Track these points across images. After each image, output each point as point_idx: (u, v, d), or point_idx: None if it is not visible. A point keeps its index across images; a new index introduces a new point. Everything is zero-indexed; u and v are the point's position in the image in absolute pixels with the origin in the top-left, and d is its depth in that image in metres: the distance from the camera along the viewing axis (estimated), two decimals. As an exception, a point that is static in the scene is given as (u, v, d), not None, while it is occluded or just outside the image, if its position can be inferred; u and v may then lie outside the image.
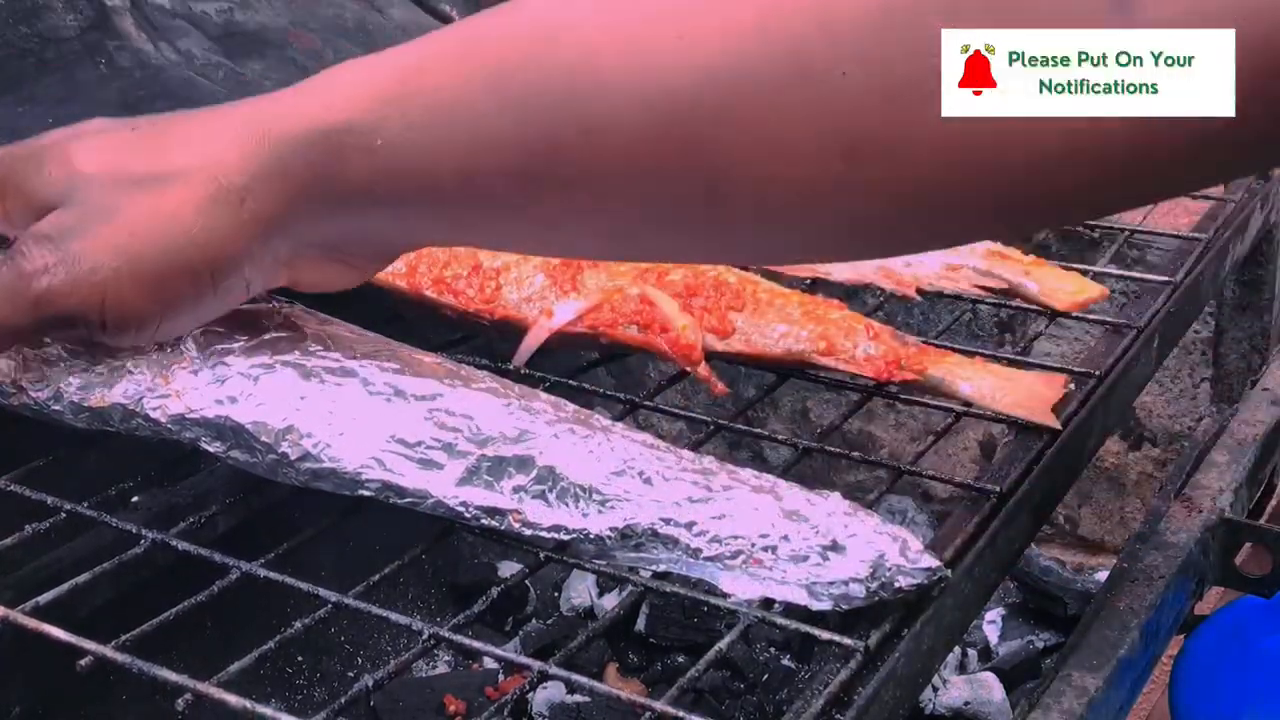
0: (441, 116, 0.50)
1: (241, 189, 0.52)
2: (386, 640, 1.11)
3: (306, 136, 0.52)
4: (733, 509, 0.54)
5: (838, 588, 0.52)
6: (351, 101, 0.51)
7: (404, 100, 0.51)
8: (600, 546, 0.55)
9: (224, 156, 0.53)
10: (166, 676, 0.49)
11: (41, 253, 0.54)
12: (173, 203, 0.53)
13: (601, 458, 0.56)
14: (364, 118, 0.51)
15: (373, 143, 0.51)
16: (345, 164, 0.51)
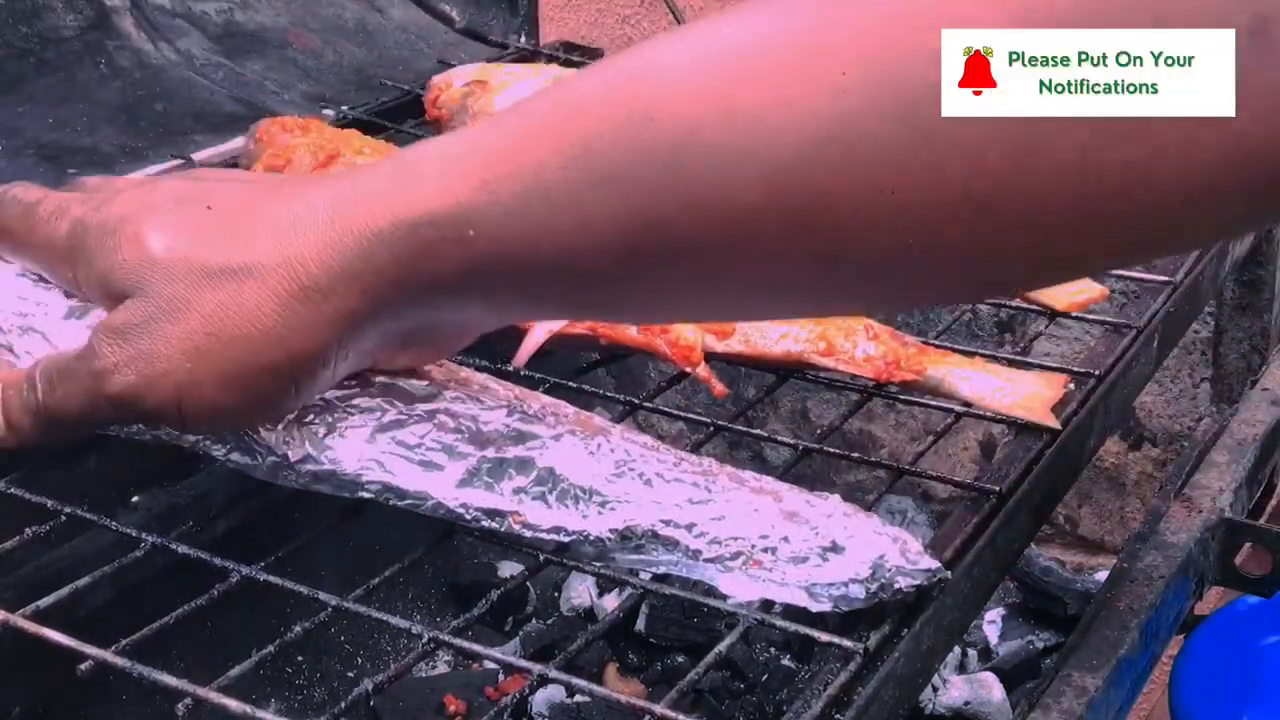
0: (537, 201, 0.48)
1: (325, 287, 0.50)
2: (386, 641, 1.11)
3: (393, 230, 0.49)
4: (732, 510, 0.54)
5: (837, 589, 0.52)
6: (440, 191, 0.49)
7: (495, 186, 0.48)
8: (600, 548, 0.55)
9: (305, 251, 0.50)
10: (166, 681, 0.49)
11: (113, 350, 0.52)
12: (251, 300, 0.50)
13: (602, 459, 0.56)
14: (455, 208, 0.48)
15: (465, 233, 0.48)
16: (436, 257, 0.49)
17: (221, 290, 0.51)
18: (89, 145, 1.00)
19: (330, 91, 1.14)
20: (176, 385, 0.51)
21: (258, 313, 0.50)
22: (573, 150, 0.47)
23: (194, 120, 1.06)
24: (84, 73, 1.06)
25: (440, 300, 0.51)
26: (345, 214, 0.50)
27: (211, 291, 0.51)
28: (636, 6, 1.51)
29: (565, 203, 0.48)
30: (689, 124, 0.46)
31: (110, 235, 0.53)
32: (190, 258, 0.51)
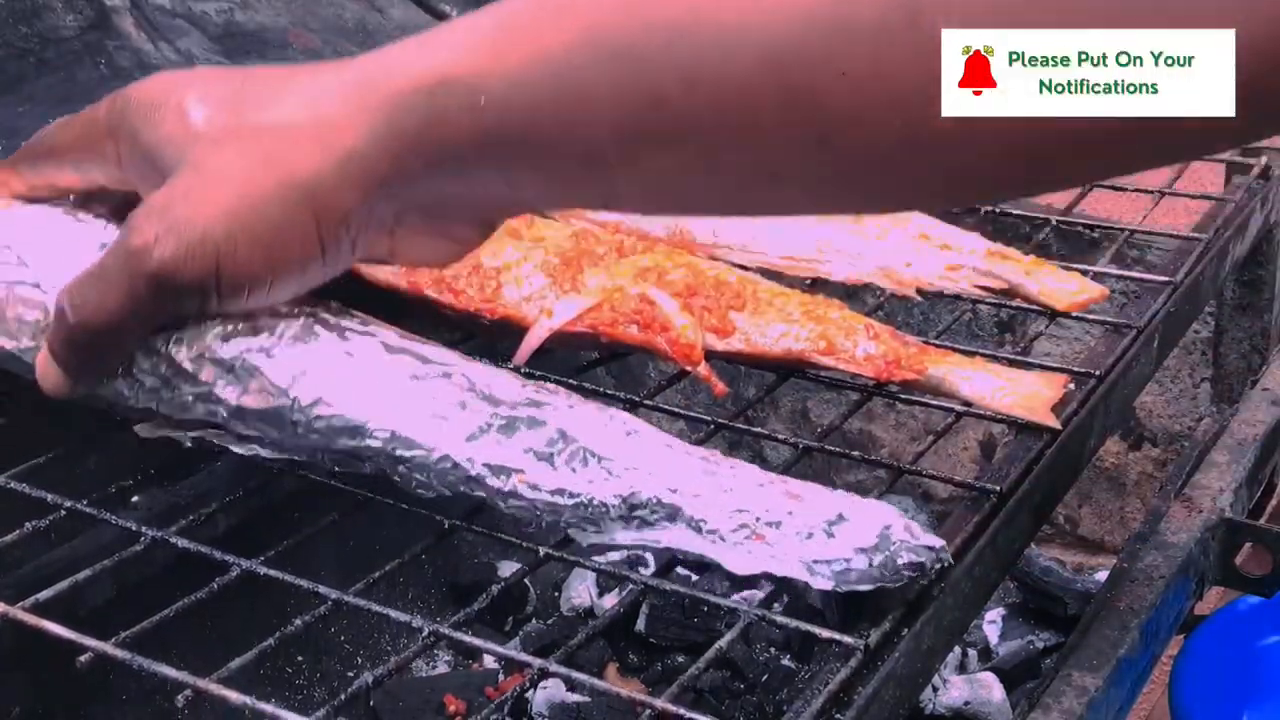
0: (543, 72, 0.50)
1: (351, 147, 0.52)
2: (386, 639, 1.11)
3: (413, 94, 0.52)
4: (739, 484, 0.54)
5: (839, 564, 0.52)
6: (454, 58, 0.51)
7: (505, 56, 0.50)
8: (602, 517, 0.54)
9: (333, 114, 0.53)
10: (166, 673, 0.49)
11: (151, 224, 0.53)
12: (284, 160, 0.53)
13: (614, 426, 0.56)
14: (466, 75, 0.51)
15: (475, 100, 0.50)
16: (451, 123, 0.51)
17: (256, 152, 0.53)
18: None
19: (331, 91, 1.14)
20: (213, 250, 0.53)
21: (288, 172, 0.53)
22: (578, 26, 0.49)
23: (195, 119, 1.05)
24: (84, 73, 1.06)
25: (456, 169, 0.53)
26: (372, 79, 0.53)
27: (246, 155, 0.53)
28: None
29: (569, 75, 0.49)
30: (693, 3, 0.47)
31: (153, 109, 0.55)
32: (229, 125, 0.54)
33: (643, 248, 0.77)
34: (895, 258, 0.80)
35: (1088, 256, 0.91)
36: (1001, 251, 0.81)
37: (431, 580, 1.17)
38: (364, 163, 0.52)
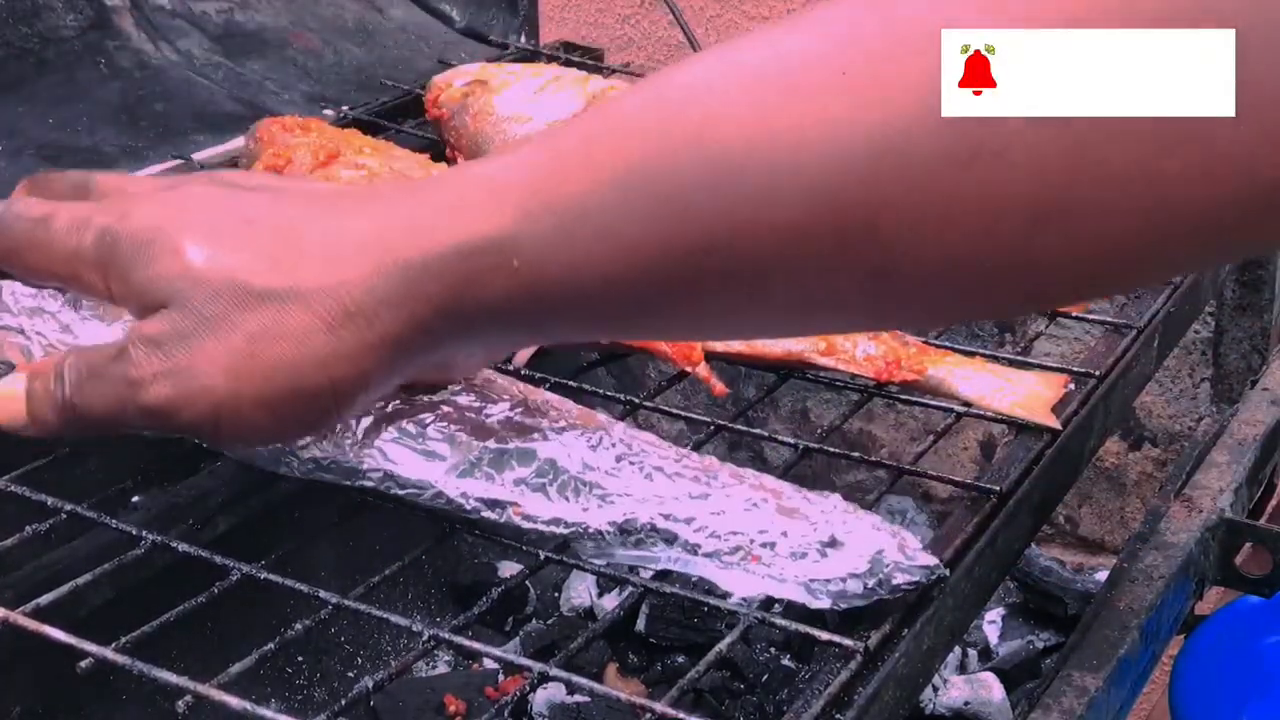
0: (582, 230, 0.47)
1: (370, 314, 0.49)
2: (387, 641, 1.11)
3: (440, 259, 0.49)
4: (732, 505, 0.54)
5: (835, 585, 0.52)
6: (482, 219, 0.49)
7: (538, 214, 0.48)
8: (599, 544, 0.55)
9: (351, 278, 0.50)
10: (167, 678, 0.49)
11: (150, 360, 0.51)
12: (296, 325, 0.50)
13: (603, 453, 0.56)
14: (499, 235, 0.48)
15: (509, 262, 0.48)
16: (482, 285, 0.49)
17: (265, 313, 0.50)
18: (89, 145, 1.00)
19: (330, 91, 1.14)
20: (215, 404, 0.51)
21: (303, 338, 0.50)
22: (616, 177, 0.47)
23: (194, 120, 1.06)
24: (84, 73, 1.06)
25: (483, 326, 0.51)
26: (391, 242, 0.50)
27: (255, 313, 0.50)
28: (636, 6, 1.51)
29: (610, 230, 0.47)
30: (734, 146, 0.45)
31: (146, 246, 0.52)
32: (233, 276, 0.50)
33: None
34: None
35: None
36: (1001, 252, 0.81)
37: (431, 580, 1.17)
38: (383, 329, 0.50)
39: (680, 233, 0.47)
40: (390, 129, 1.00)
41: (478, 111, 0.93)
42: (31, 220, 0.55)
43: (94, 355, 0.53)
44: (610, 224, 0.47)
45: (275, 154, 0.84)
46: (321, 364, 0.50)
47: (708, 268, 0.47)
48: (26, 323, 0.61)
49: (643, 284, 0.48)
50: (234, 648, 0.52)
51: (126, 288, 0.52)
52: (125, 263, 0.52)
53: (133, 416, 0.52)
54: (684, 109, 0.47)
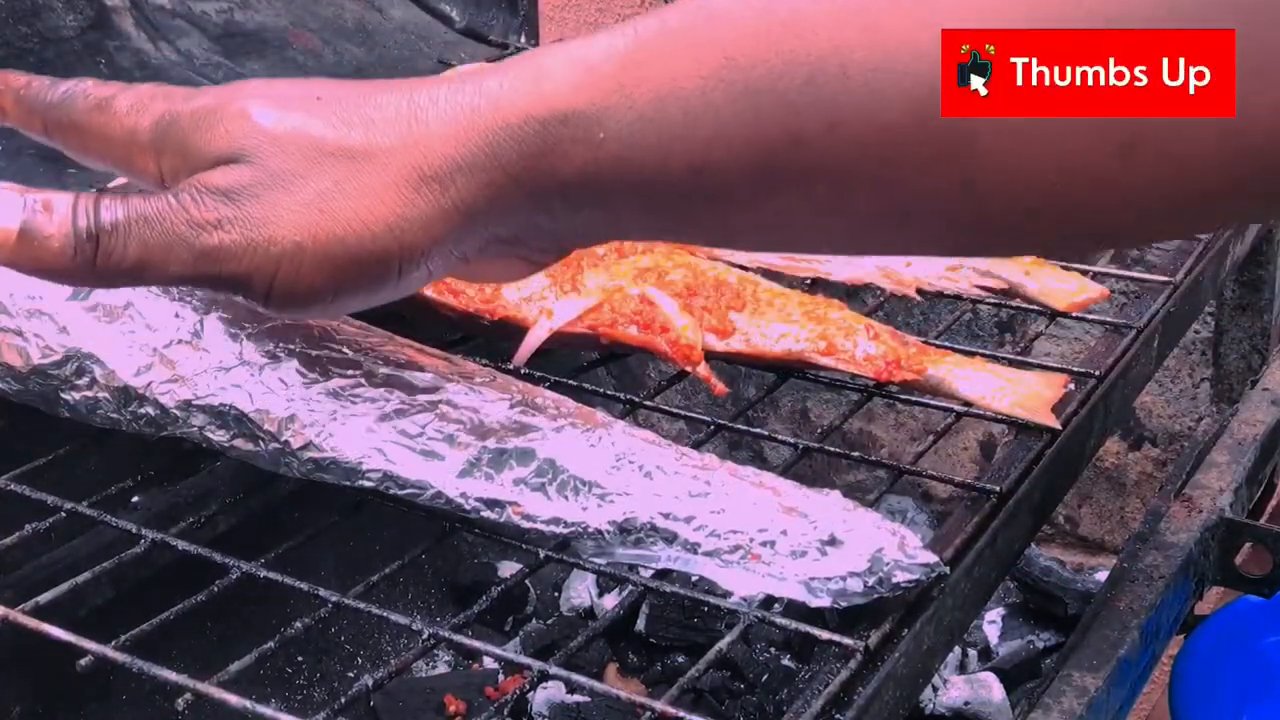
0: (674, 110, 0.47)
1: (446, 178, 0.49)
2: (387, 640, 1.11)
3: (524, 126, 0.48)
4: (732, 504, 0.54)
5: (835, 583, 0.52)
6: (571, 90, 0.48)
7: (630, 90, 0.47)
8: (599, 541, 0.55)
9: (430, 141, 0.49)
10: (166, 676, 0.49)
11: (216, 205, 0.49)
12: (371, 184, 0.49)
13: (602, 451, 0.56)
14: (588, 108, 0.47)
15: (595, 135, 0.47)
16: (562, 156, 0.48)
17: (339, 169, 0.49)
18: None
19: (330, 91, 1.14)
20: (278, 256, 0.49)
21: (376, 198, 0.49)
22: (713, 61, 0.46)
23: (194, 120, 1.06)
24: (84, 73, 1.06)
25: (557, 202, 0.50)
26: (471, 107, 0.49)
27: (328, 170, 0.49)
28: (636, 6, 1.52)
29: (702, 113, 0.47)
30: (834, 41, 0.45)
31: (210, 115, 0.51)
32: (306, 133, 0.50)
33: (643, 248, 0.77)
34: (895, 258, 0.79)
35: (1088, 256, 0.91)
36: (1001, 251, 0.81)
37: (431, 580, 1.17)
38: (458, 195, 0.49)
39: (774, 124, 0.46)
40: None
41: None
42: (95, 98, 0.54)
43: (136, 197, 0.51)
44: (703, 108, 0.47)
45: (275, 153, 0.84)
46: (392, 227, 0.49)
47: (797, 162, 0.47)
48: (25, 324, 0.61)
49: (728, 173, 0.47)
50: (234, 646, 0.52)
51: (183, 158, 0.51)
52: (184, 135, 0.51)
53: (179, 262, 0.50)
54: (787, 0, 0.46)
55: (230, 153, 0.50)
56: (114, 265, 0.50)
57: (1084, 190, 0.45)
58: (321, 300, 0.51)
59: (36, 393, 0.61)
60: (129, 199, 0.51)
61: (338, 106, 0.50)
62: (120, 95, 0.54)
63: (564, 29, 1.50)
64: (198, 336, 0.60)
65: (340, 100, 0.51)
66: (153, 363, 0.59)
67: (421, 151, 0.49)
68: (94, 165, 0.57)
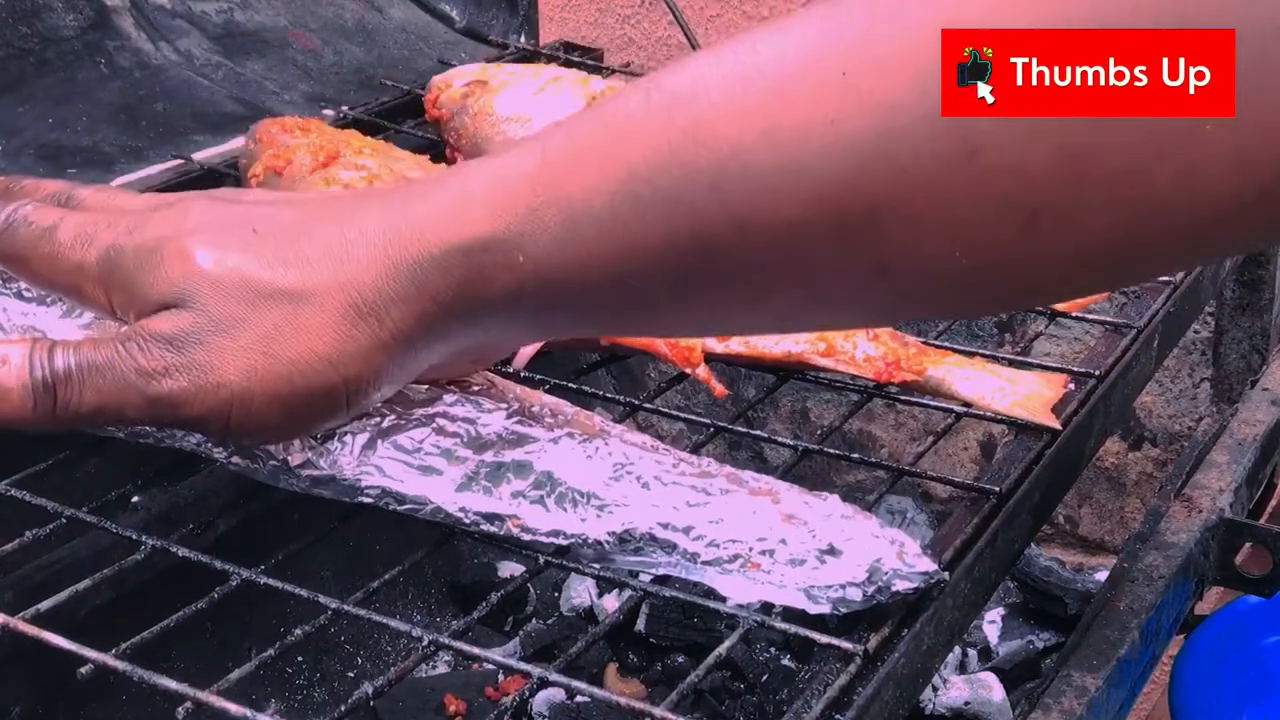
0: (586, 227, 0.48)
1: (380, 311, 0.51)
2: (387, 641, 1.11)
3: (445, 256, 0.50)
4: (730, 513, 0.54)
5: (835, 591, 0.52)
6: (488, 216, 0.50)
7: (542, 213, 0.49)
8: (599, 551, 0.55)
9: (362, 276, 0.51)
10: (167, 684, 0.49)
11: (161, 353, 0.52)
12: (309, 324, 0.51)
13: (600, 462, 0.56)
14: (504, 234, 0.49)
15: (515, 259, 0.49)
16: (487, 281, 0.50)
17: (277, 312, 0.51)
18: (89, 145, 1.00)
19: (330, 91, 1.14)
20: (228, 399, 0.52)
21: (316, 336, 0.51)
22: (619, 176, 0.48)
23: (194, 120, 1.06)
24: (84, 73, 1.06)
25: (489, 321, 0.52)
26: (398, 240, 0.51)
27: (267, 312, 0.51)
28: (636, 6, 1.52)
29: (613, 228, 0.48)
30: (734, 145, 0.46)
31: (152, 254, 0.53)
32: (244, 276, 0.51)
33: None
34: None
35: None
36: (1001, 252, 0.81)
37: (431, 581, 1.17)
38: (394, 326, 0.51)
39: (682, 231, 0.47)
40: (390, 129, 1.00)
41: (478, 112, 0.93)
42: (39, 229, 0.56)
43: (86, 346, 0.53)
44: (613, 223, 0.48)
45: (275, 154, 0.84)
46: (334, 363, 0.51)
47: (710, 266, 0.48)
48: None
49: (646, 281, 0.49)
50: (234, 652, 0.52)
51: (130, 296, 0.53)
52: (129, 273, 0.53)
53: (134, 408, 0.52)
54: (685, 107, 0.47)
55: (173, 296, 0.52)
56: (73, 412, 0.53)
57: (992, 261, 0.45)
58: (278, 431, 0.54)
59: None
60: (80, 347, 0.53)
61: (274, 243, 0.52)
62: (63, 224, 0.55)
63: (564, 29, 1.50)
64: None
65: (276, 235, 0.52)
66: None
67: (356, 288, 0.51)
68: (43, 291, 0.59)
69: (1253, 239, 0.50)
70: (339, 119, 1.00)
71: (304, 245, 0.52)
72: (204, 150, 0.97)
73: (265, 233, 0.53)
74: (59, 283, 0.56)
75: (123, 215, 0.55)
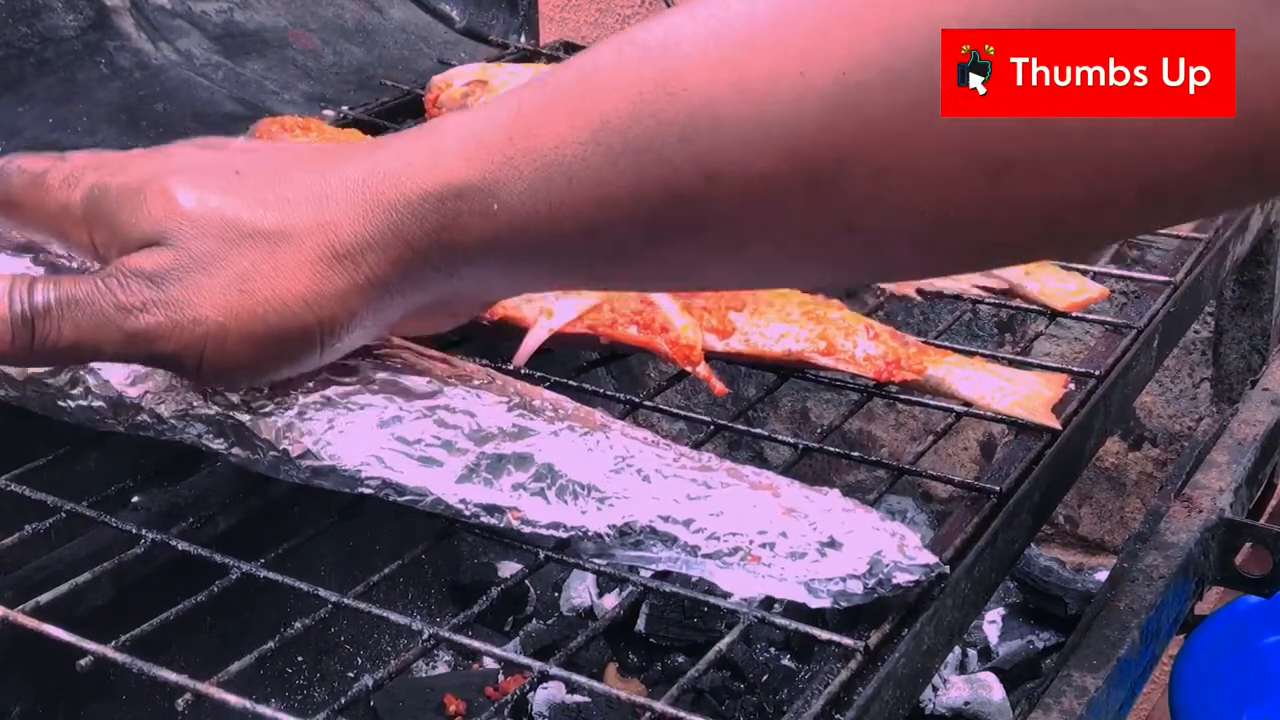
0: (558, 176, 0.49)
1: (357, 255, 0.52)
2: (387, 639, 1.11)
3: (421, 202, 0.51)
4: (731, 506, 0.54)
5: (836, 584, 0.52)
6: (463, 164, 0.51)
7: (517, 162, 0.50)
8: (599, 544, 0.55)
9: (340, 220, 0.52)
10: (166, 676, 0.49)
11: (140, 288, 0.52)
12: (286, 264, 0.52)
13: (600, 455, 0.56)
14: (479, 182, 0.50)
15: (489, 207, 0.50)
16: (461, 229, 0.51)
17: (256, 251, 0.52)
18: (89, 145, 1.00)
19: (330, 91, 1.14)
20: (203, 335, 0.52)
21: (292, 276, 0.52)
22: (591, 126, 0.48)
23: (194, 120, 1.06)
24: (84, 73, 1.06)
25: (465, 270, 0.53)
26: (376, 187, 0.52)
27: (246, 251, 0.52)
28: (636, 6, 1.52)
29: (585, 178, 0.49)
30: (705, 96, 0.46)
31: (134, 194, 0.54)
32: (224, 215, 0.52)
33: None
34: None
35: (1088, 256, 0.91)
36: (1001, 252, 0.81)
37: (431, 579, 1.17)
38: (369, 270, 0.52)
39: (653, 181, 0.48)
40: (390, 129, 1.00)
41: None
42: (29, 174, 0.57)
43: (66, 282, 0.54)
44: (585, 172, 0.49)
45: (275, 153, 0.84)
46: (309, 304, 0.52)
47: (681, 216, 0.48)
48: None
49: (617, 231, 0.50)
50: (234, 646, 0.52)
51: (112, 234, 0.54)
52: (112, 211, 0.54)
53: (110, 343, 0.53)
54: (656, 60, 0.48)
55: (154, 234, 0.53)
56: (50, 346, 0.53)
57: (960, 216, 0.46)
58: (251, 371, 0.54)
59: (35, 400, 0.61)
60: (60, 282, 0.54)
61: (254, 185, 0.53)
62: (53, 169, 0.57)
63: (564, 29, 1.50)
64: None
65: (258, 177, 0.53)
66: (148, 372, 0.59)
67: (334, 231, 0.52)
68: (33, 237, 0.61)
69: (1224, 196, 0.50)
70: (339, 119, 1.00)
71: (284, 188, 0.53)
72: (204, 149, 0.97)
73: (247, 175, 0.54)
74: (47, 225, 0.57)
75: (108, 159, 0.56)
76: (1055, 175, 0.44)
